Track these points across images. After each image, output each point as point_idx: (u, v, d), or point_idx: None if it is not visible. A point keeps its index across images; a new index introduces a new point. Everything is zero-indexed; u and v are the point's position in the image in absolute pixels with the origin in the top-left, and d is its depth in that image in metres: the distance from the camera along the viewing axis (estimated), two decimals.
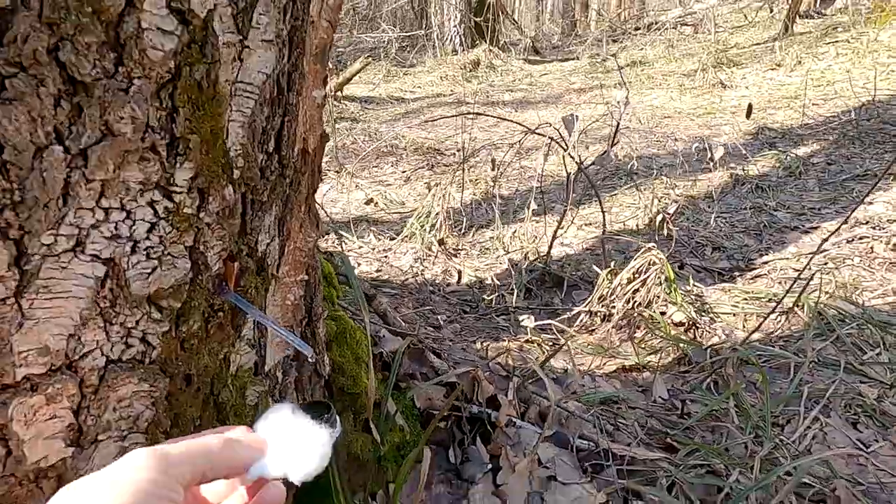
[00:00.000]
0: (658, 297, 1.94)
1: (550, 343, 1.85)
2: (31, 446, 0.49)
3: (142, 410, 0.57)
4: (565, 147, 2.19)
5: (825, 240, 1.84)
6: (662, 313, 1.92)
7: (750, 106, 2.57)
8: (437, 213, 2.67)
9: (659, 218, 2.48)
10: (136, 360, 0.55)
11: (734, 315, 1.98)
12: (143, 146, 0.48)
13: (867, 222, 2.41)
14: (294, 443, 0.42)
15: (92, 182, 0.46)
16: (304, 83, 0.70)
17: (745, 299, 2.04)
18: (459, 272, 2.38)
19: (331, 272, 1.14)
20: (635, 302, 1.94)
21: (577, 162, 2.22)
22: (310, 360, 0.53)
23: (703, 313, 1.97)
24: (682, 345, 1.76)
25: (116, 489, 0.35)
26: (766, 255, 2.37)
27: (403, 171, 3.97)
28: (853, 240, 2.29)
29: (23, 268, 0.45)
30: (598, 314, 1.97)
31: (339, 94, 5.76)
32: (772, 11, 7.37)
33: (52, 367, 0.49)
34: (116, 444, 0.55)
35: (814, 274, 1.94)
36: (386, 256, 2.60)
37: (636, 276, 1.96)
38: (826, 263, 2.14)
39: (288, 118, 0.65)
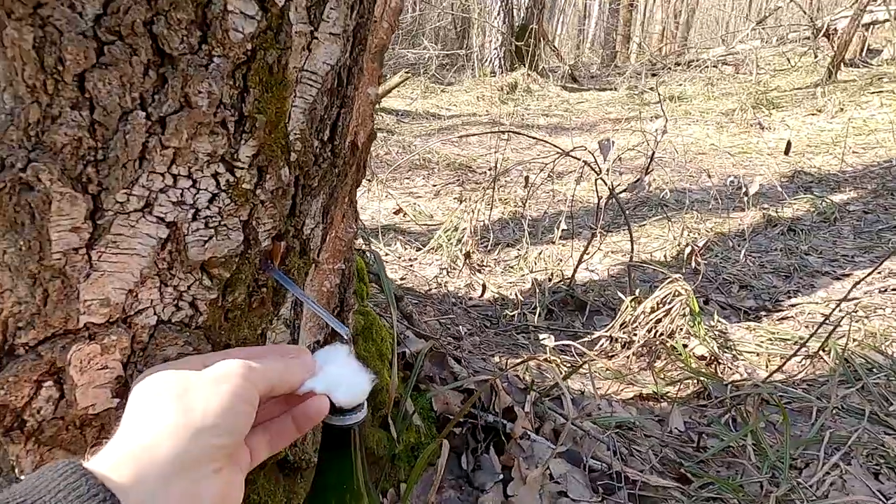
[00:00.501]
0: (681, 328, 1.92)
1: (569, 365, 1.84)
2: (82, 392, 0.52)
3: None
4: (598, 171, 2.21)
5: (855, 285, 1.82)
6: (685, 345, 1.91)
7: (789, 143, 2.56)
8: (464, 228, 2.70)
9: (687, 251, 2.47)
10: (183, 324, 0.58)
11: (758, 355, 1.95)
12: (215, 120, 0.52)
13: None
14: (341, 372, 0.50)
15: (166, 149, 0.50)
16: (361, 79, 0.73)
17: (770, 340, 2.01)
18: (483, 286, 2.39)
19: (362, 268, 1.17)
20: (657, 331, 1.92)
21: (609, 187, 2.23)
22: (345, 338, 0.55)
23: (726, 349, 1.94)
24: (702, 378, 1.74)
25: (214, 389, 0.42)
26: (795, 297, 2.33)
27: (434, 185, 4.02)
28: (886, 290, 2.25)
29: (96, 222, 0.48)
30: (619, 340, 1.96)
31: (376, 104, 5.86)
32: (816, 57, 7.31)
33: (110, 319, 0.52)
34: None
35: (841, 319, 1.90)
36: (411, 266, 2.63)
37: (660, 305, 1.95)
38: (856, 311, 2.10)
39: (344, 110, 0.68)
